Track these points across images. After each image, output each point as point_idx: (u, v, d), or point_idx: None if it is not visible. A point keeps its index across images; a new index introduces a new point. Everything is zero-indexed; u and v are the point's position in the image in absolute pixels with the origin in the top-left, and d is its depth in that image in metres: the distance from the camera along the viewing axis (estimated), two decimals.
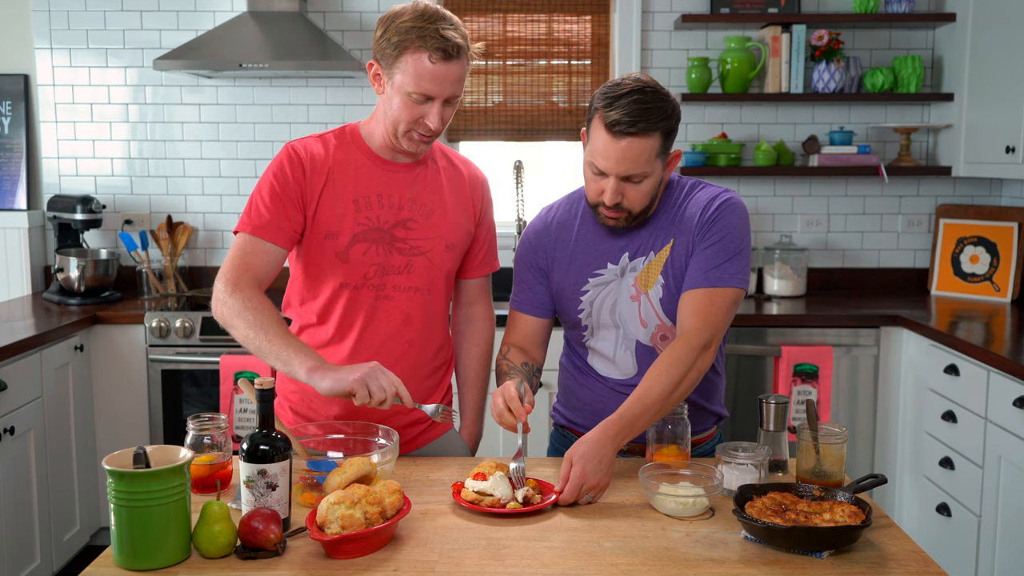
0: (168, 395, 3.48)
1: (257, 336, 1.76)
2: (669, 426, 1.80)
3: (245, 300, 1.78)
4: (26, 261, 3.92)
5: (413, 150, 1.88)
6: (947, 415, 3.05)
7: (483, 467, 1.71)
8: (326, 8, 3.92)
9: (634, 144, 1.76)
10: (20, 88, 3.95)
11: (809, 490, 1.60)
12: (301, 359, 1.72)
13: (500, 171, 4.02)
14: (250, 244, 1.85)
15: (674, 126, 1.81)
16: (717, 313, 1.83)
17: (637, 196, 1.82)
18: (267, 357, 1.76)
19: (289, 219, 1.86)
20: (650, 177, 1.81)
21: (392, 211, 1.91)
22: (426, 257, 1.94)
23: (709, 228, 1.85)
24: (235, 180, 4.02)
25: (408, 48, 1.77)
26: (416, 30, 1.76)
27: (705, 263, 1.84)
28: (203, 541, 1.43)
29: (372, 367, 1.70)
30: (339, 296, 1.92)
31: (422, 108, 1.81)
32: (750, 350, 3.41)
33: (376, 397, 1.67)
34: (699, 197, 1.90)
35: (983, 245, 3.81)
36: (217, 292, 1.82)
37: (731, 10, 3.78)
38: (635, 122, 1.74)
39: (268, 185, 1.87)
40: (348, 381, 1.67)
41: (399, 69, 1.79)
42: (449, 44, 1.76)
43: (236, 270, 1.83)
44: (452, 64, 1.78)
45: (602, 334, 1.95)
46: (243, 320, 1.77)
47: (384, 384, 1.68)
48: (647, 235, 1.91)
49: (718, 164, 3.85)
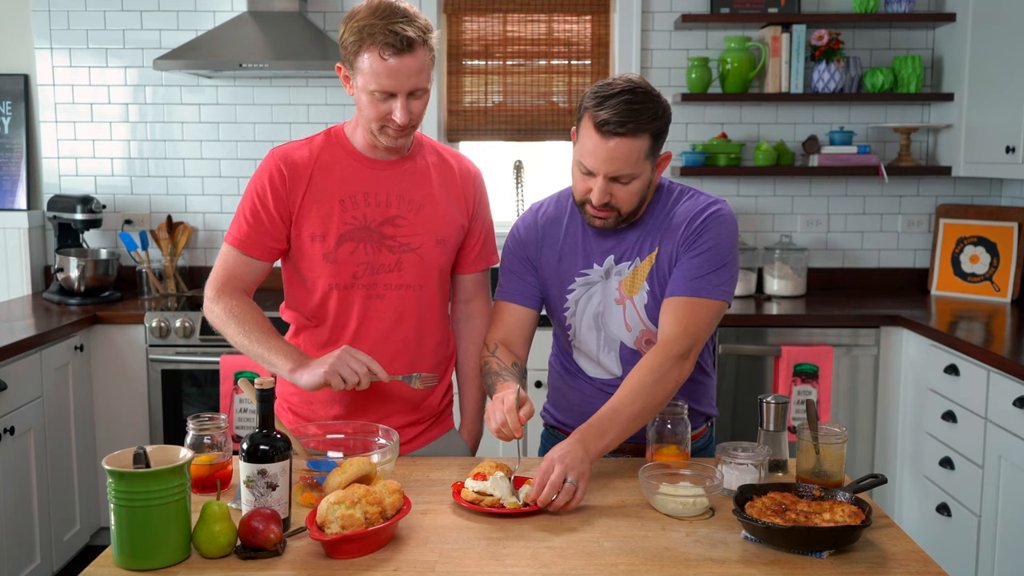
0: (168, 395, 3.48)
1: (243, 341, 1.86)
2: (669, 426, 1.80)
3: (229, 309, 1.88)
4: (26, 261, 3.92)
5: (393, 144, 1.89)
6: (947, 415, 3.05)
7: (483, 467, 1.71)
8: (326, 8, 3.92)
9: (622, 144, 1.75)
10: (20, 88, 3.95)
11: (809, 490, 1.61)
12: (283, 360, 1.80)
13: (500, 171, 4.02)
14: (232, 257, 1.93)
15: (664, 127, 1.80)
16: (698, 324, 1.81)
17: (625, 196, 1.81)
18: (258, 360, 1.85)
19: (269, 235, 1.91)
20: (638, 178, 1.80)
21: (379, 209, 1.91)
22: (416, 253, 1.93)
23: (696, 238, 1.84)
24: (235, 180, 4.02)
25: (363, 47, 1.78)
26: (368, 27, 1.76)
27: (690, 272, 1.83)
28: (203, 541, 1.43)
29: (340, 353, 1.77)
30: (330, 297, 1.93)
31: (387, 104, 1.81)
32: (750, 350, 3.41)
33: (350, 380, 1.74)
34: (688, 206, 1.88)
35: (983, 245, 3.81)
36: (206, 300, 1.93)
37: (731, 10, 3.78)
38: (624, 122, 1.73)
39: (249, 201, 1.92)
40: (320, 374, 1.74)
41: (359, 69, 1.80)
42: (399, 39, 1.75)
43: (220, 279, 1.91)
44: (406, 58, 1.77)
45: (585, 336, 1.95)
46: (228, 327, 1.87)
47: (354, 366, 1.75)
48: (634, 239, 1.90)
49: (718, 164, 3.85)
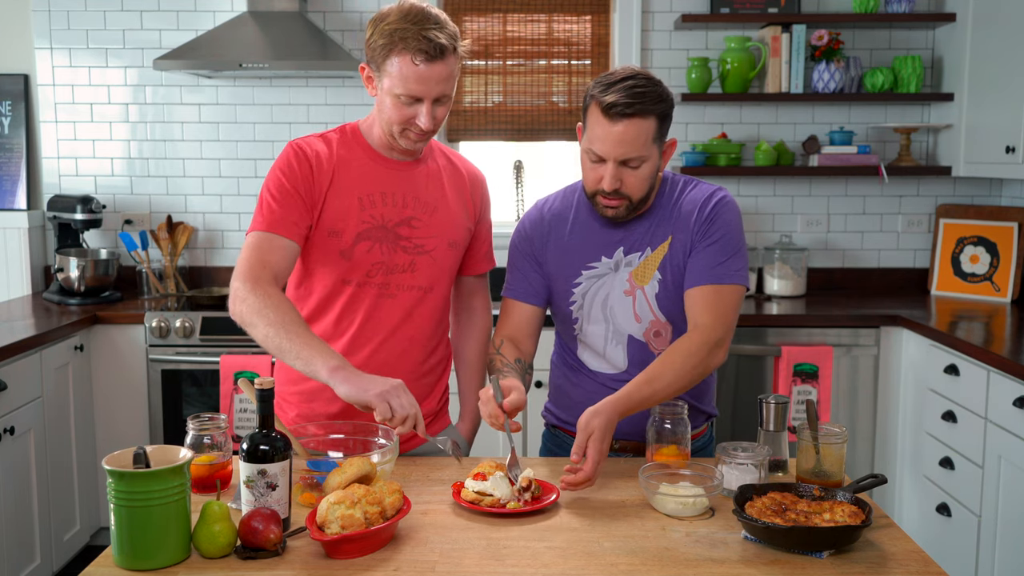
0: (168, 395, 3.48)
1: (277, 334, 1.73)
2: (669, 426, 1.80)
3: (265, 297, 1.76)
4: (26, 261, 3.92)
5: (411, 148, 1.89)
6: (947, 415, 3.05)
7: (483, 467, 1.71)
8: (326, 8, 3.92)
9: (631, 126, 1.77)
10: (20, 88, 3.95)
11: (809, 490, 1.60)
12: (323, 359, 1.69)
13: (500, 171, 4.02)
14: (265, 241, 1.82)
15: (668, 111, 1.83)
16: (727, 312, 1.86)
17: (635, 182, 1.83)
18: (286, 356, 1.73)
19: (300, 214, 1.85)
20: (647, 162, 1.83)
21: (396, 209, 1.91)
22: (430, 256, 1.94)
23: (709, 226, 1.88)
24: (235, 180, 4.02)
25: (393, 51, 1.77)
26: (400, 32, 1.76)
27: (709, 260, 1.87)
28: (203, 541, 1.43)
29: (396, 385, 1.67)
30: (339, 293, 1.92)
31: (412, 109, 1.81)
32: (750, 350, 3.41)
33: (398, 415, 1.65)
34: (694, 194, 1.92)
35: (983, 245, 3.81)
36: (235, 290, 1.79)
37: (731, 10, 3.78)
38: (631, 104, 1.76)
39: (277, 182, 1.86)
40: (369, 394, 1.64)
41: (386, 72, 1.79)
42: (432, 45, 1.75)
43: (254, 268, 1.79)
44: (437, 65, 1.77)
45: (592, 328, 1.96)
46: (263, 318, 1.74)
47: (406, 404, 1.66)
48: (644, 230, 1.92)
49: (718, 164, 3.85)
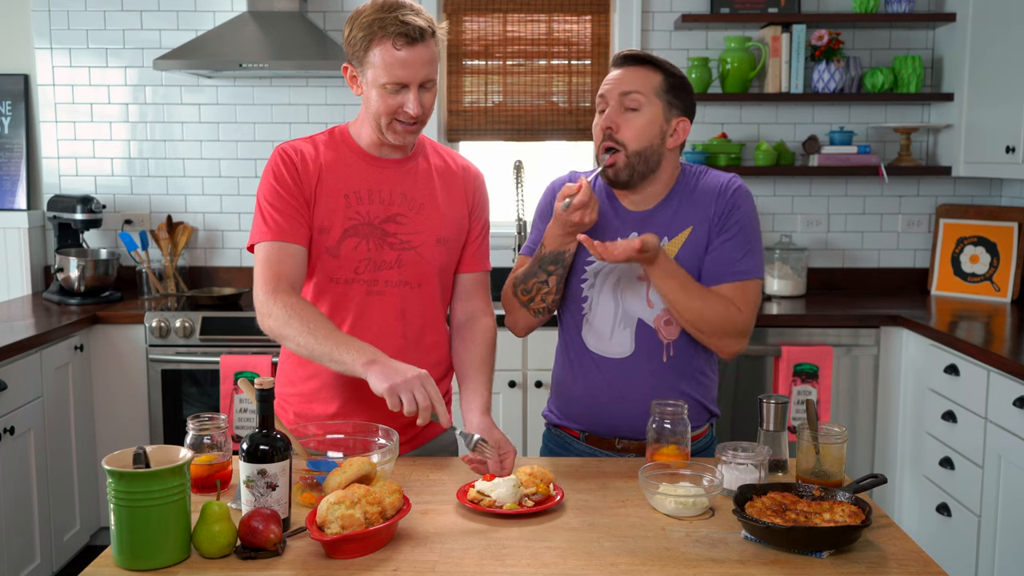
0: (168, 395, 3.48)
1: (307, 342, 1.74)
2: (669, 426, 1.80)
3: (288, 308, 1.78)
4: (26, 261, 3.92)
5: (401, 142, 1.89)
6: (947, 415, 3.05)
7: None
8: (326, 8, 3.92)
9: (634, 70, 1.91)
10: (20, 88, 3.95)
11: (809, 490, 1.60)
12: (354, 355, 1.69)
13: (500, 171, 4.02)
14: (274, 251, 1.84)
15: (678, 84, 1.92)
16: (751, 308, 1.93)
17: (632, 132, 1.89)
18: (323, 360, 1.74)
19: (300, 217, 1.87)
20: (646, 108, 1.89)
21: (382, 206, 1.91)
22: (416, 252, 1.93)
23: (729, 215, 1.93)
24: (235, 180, 4.02)
25: (373, 40, 1.79)
26: (378, 21, 1.79)
27: (728, 256, 1.92)
28: (203, 541, 1.43)
29: (413, 376, 1.65)
30: (326, 291, 1.92)
31: (399, 97, 1.82)
32: (750, 350, 3.41)
33: (407, 407, 1.63)
34: (710, 181, 1.98)
35: (983, 245, 3.81)
36: (259, 306, 1.81)
37: (731, 10, 3.78)
38: (638, 56, 1.92)
39: (271, 189, 1.87)
40: (385, 384, 1.64)
41: (369, 64, 1.82)
42: (411, 28, 1.78)
43: (271, 280, 1.82)
44: (418, 47, 1.80)
45: (601, 308, 1.97)
46: (292, 328, 1.76)
47: (418, 396, 1.63)
48: (664, 218, 1.95)
49: (718, 164, 3.84)
